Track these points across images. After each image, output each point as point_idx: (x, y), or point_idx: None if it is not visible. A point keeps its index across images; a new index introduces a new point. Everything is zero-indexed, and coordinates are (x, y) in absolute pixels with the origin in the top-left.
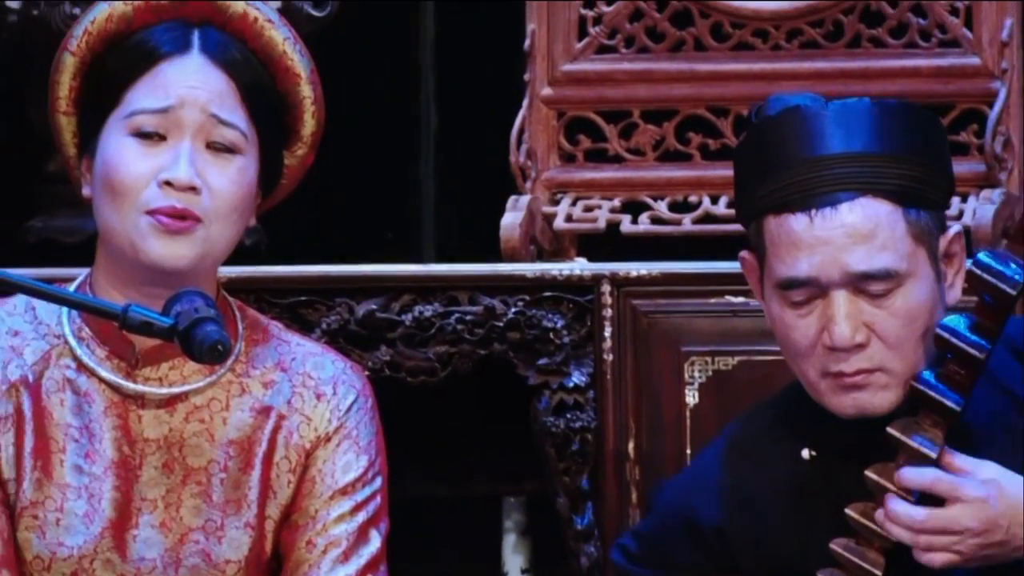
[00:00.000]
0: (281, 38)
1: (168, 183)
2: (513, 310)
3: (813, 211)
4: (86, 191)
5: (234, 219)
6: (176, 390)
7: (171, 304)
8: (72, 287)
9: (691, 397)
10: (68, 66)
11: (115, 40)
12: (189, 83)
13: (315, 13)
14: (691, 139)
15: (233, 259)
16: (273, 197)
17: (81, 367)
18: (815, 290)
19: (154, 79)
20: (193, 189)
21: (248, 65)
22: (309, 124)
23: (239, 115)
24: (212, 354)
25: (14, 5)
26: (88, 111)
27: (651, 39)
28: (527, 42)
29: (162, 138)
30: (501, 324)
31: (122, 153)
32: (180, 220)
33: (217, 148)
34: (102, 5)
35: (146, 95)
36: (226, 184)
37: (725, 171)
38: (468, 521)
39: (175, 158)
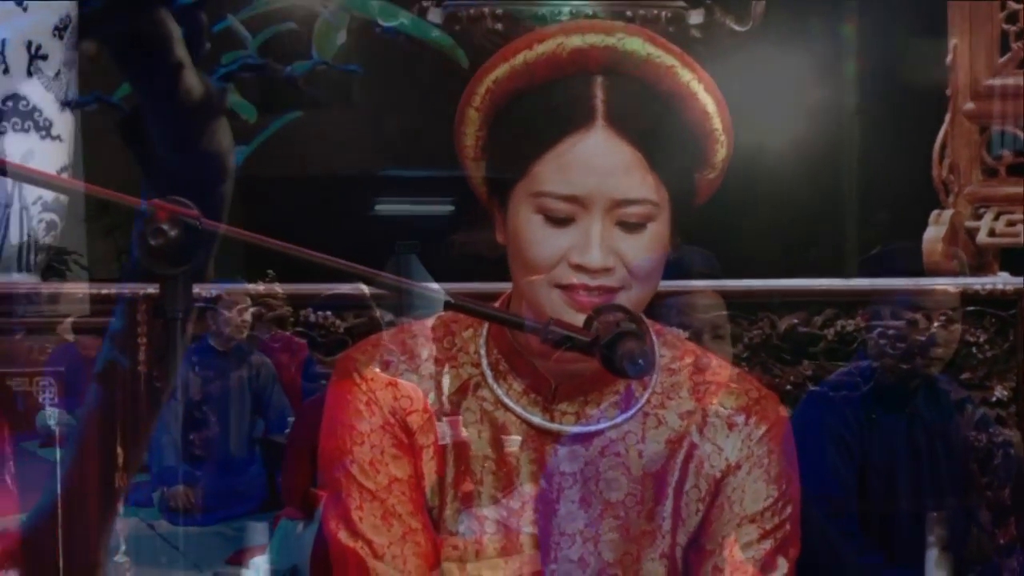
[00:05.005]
0: (687, 79)
1: (581, 267)
2: (935, 324)
3: None
4: (500, 238)
5: (652, 281)
6: (592, 428)
7: (593, 318)
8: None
9: None
10: (473, 120)
11: (517, 94)
12: (596, 169)
13: (737, 28)
14: None
15: None
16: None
17: (498, 401)
18: None
19: (560, 158)
20: (607, 271)
21: (652, 115)
22: (720, 153)
23: (648, 186)
24: (633, 368)
25: (436, 21)
26: (494, 161)
27: None
28: (949, 57)
29: (571, 219)
30: (923, 338)
31: (532, 231)
32: (596, 296)
33: (629, 225)
34: (503, 64)
35: (552, 176)
36: (641, 254)
37: None
38: (892, 536)
39: (586, 241)
